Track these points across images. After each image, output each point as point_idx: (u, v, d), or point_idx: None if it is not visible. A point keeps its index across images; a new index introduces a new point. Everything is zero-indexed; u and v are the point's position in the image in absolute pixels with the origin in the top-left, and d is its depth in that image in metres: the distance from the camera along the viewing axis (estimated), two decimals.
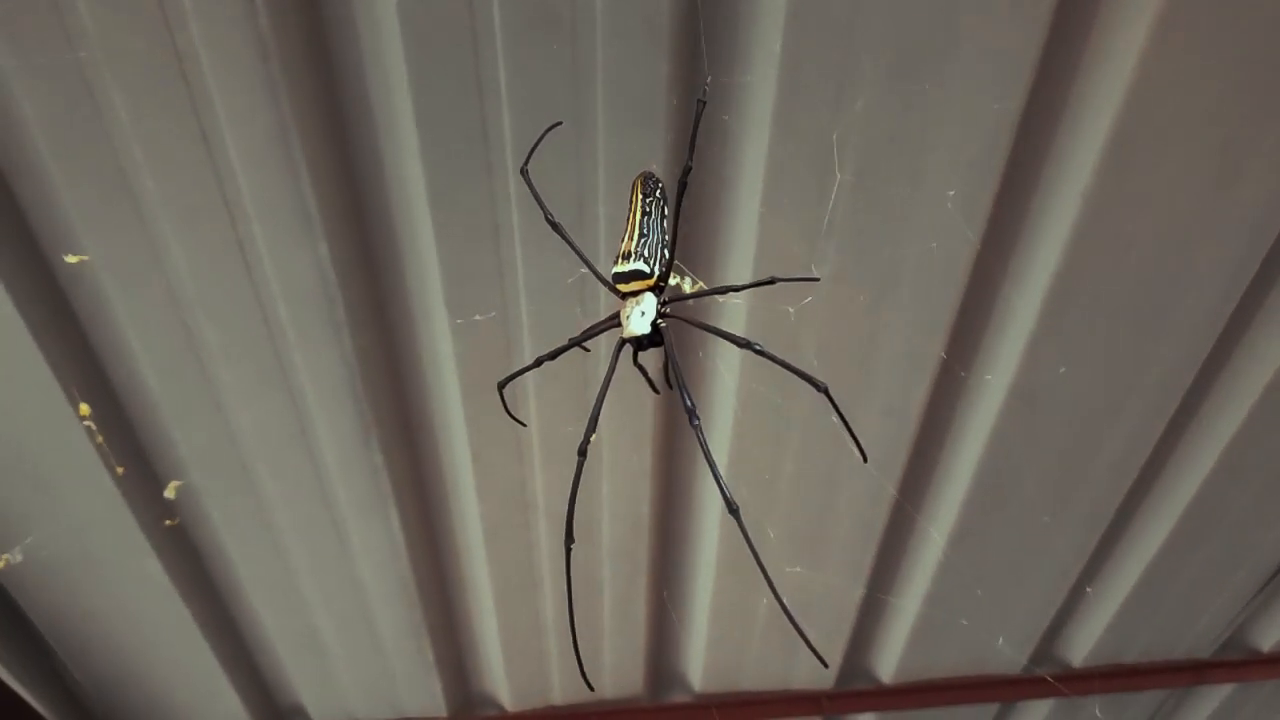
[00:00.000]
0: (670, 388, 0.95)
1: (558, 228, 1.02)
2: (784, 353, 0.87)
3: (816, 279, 1.30)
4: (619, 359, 0.96)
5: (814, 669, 2.07)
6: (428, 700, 2.04)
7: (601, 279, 1.00)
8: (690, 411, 0.86)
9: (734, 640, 1.98)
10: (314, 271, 1.30)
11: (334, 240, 1.28)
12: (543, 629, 1.91)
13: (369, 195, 1.26)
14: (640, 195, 0.97)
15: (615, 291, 0.96)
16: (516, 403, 1.48)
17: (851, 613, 1.95)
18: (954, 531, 1.76)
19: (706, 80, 1.13)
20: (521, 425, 1.35)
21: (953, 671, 2.15)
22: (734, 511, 0.81)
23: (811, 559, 1.78)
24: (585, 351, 1.04)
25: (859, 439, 0.94)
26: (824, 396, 0.85)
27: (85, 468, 1.46)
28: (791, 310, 1.30)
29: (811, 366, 0.91)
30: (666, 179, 1.19)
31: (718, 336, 0.94)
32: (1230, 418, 1.60)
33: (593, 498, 1.65)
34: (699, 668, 2.06)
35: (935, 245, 1.30)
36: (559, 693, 2.09)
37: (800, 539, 1.75)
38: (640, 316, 0.92)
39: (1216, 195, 1.27)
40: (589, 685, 0.97)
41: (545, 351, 1.03)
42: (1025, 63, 1.14)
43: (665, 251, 0.95)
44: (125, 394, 1.43)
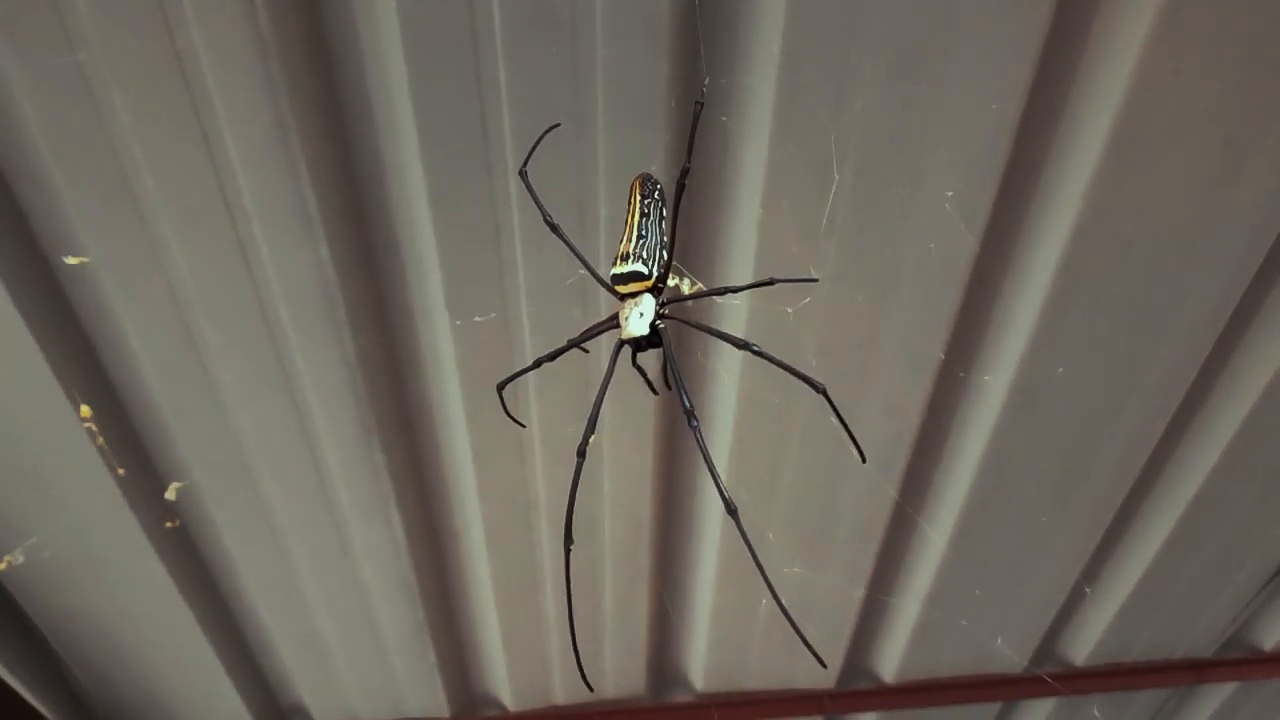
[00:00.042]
0: (669, 389, 0.95)
1: (556, 229, 1.02)
2: (784, 354, 0.87)
3: (815, 280, 1.30)
4: (618, 360, 0.96)
5: (816, 668, 2.07)
6: (429, 700, 2.04)
7: (600, 280, 1.00)
8: (689, 413, 0.86)
9: (735, 640, 1.98)
10: (314, 271, 1.30)
11: (334, 240, 1.28)
12: (544, 629, 1.91)
13: (369, 195, 1.26)
14: (638, 197, 0.96)
15: (614, 293, 0.96)
16: (517, 403, 1.48)
17: (853, 612, 1.94)
18: (955, 531, 1.75)
19: (704, 82, 1.13)
20: (521, 426, 1.35)
21: (955, 671, 2.15)
22: (732, 512, 0.81)
23: (812, 559, 1.78)
24: (585, 353, 1.04)
25: (858, 440, 0.94)
26: (822, 397, 0.85)
27: (86, 469, 1.46)
28: (790, 311, 1.30)
29: (811, 367, 0.91)
30: (666, 179, 1.19)
31: (716, 337, 0.94)
32: (1231, 417, 1.60)
33: (594, 498, 1.65)
34: (700, 667, 2.06)
35: (935, 246, 1.30)
36: (561, 693, 2.09)
37: (801, 539, 1.75)
38: (639, 318, 0.92)
39: (1216, 195, 1.27)
40: (588, 686, 0.97)
41: (545, 352, 1.03)
42: (1025, 62, 1.14)
43: (664, 253, 0.95)
44: (126, 395, 1.43)
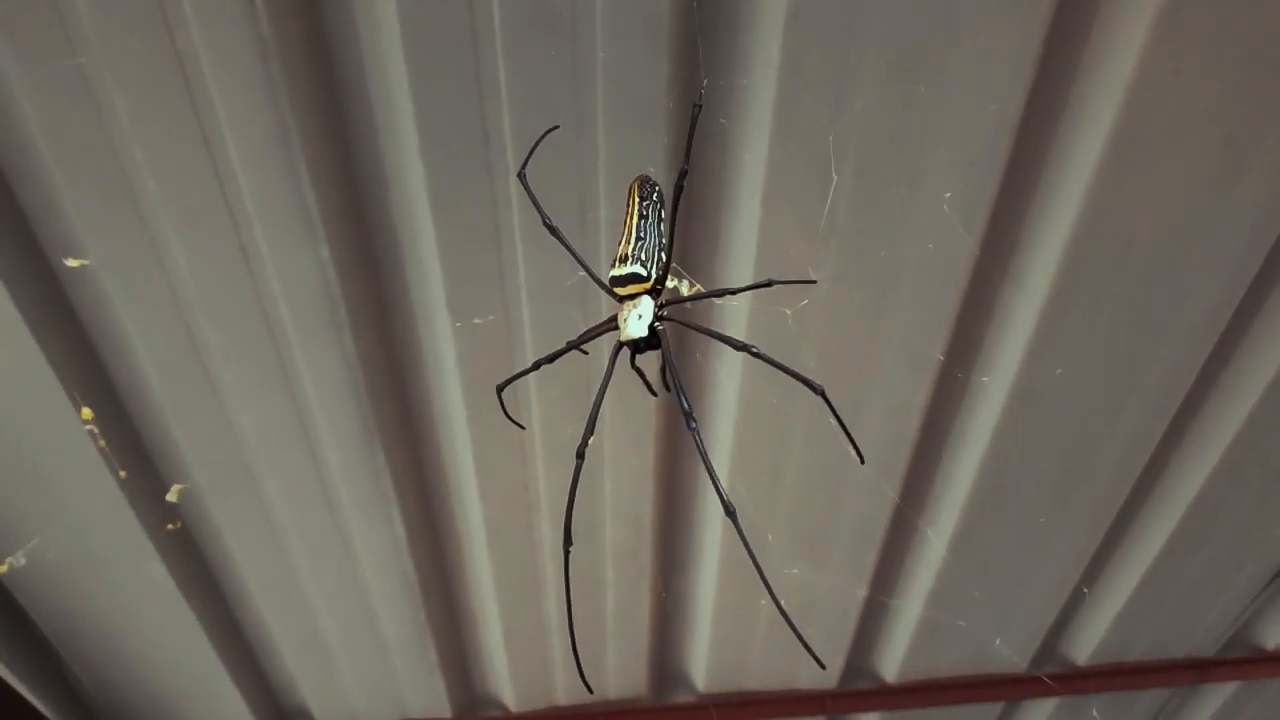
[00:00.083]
0: (669, 391, 0.95)
1: (555, 232, 1.02)
2: (784, 355, 0.87)
3: (814, 282, 1.30)
4: (617, 361, 0.96)
5: (818, 668, 2.07)
6: (432, 701, 2.04)
7: (599, 282, 1.00)
8: (687, 415, 0.86)
9: (737, 640, 1.98)
10: (315, 272, 1.30)
11: (335, 241, 1.28)
12: (546, 629, 1.91)
13: (369, 196, 1.27)
14: (637, 199, 0.96)
15: (612, 295, 0.96)
16: (518, 404, 1.48)
17: (854, 612, 1.94)
18: (956, 533, 1.75)
19: (702, 83, 1.13)
20: (521, 428, 1.35)
21: (957, 671, 2.15)
22: (731, 514, 0.81)
23: (814, 560, 1.78)
24: (584, 354, 1.04)
25: (857, 441, 0.94)
26: (820, 399, 0.85)
27: (88, 471, 1.46)
28: (789, 312, 1.30)
29: (810, 368, 0.91)
30: (667, 181, 1.19)
31: (715, 339, 0.94)
32: (1232, 417, 1.59)
33: (595, 498, 1.65)
34: (702, 667, 2.06)
35: (935, 246, 1.29)
36: (563, 693, 2.09)
37: (802, 540, 1.75)
38: (637, 319, 0.92)
39: (1216, 195, 1.27)
40: (588, 688, 0.97)
41: (545, 354, 1.03)
42: (1025, 62, 1.14)
43: (662, 254, 0.95)
44: (127, 397, 1.43)
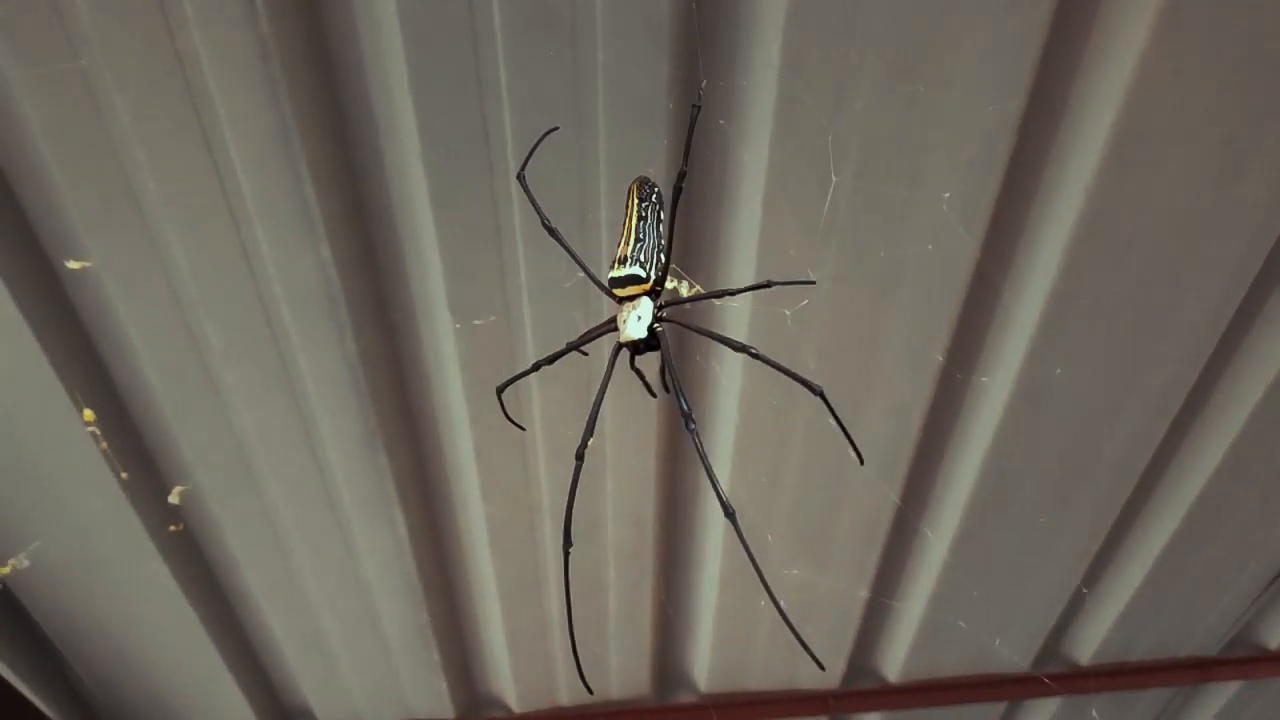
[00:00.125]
0: (668, 392, 0.95)
1: (554, 233, 1.02)
2: (783, 356, 0.87)
3: (813, 282, 1.29)
4: (616, 363, 0.96)
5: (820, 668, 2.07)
6: (434, 701, 2.05)
7: (598, 283, 1.00)
8: (686, 416, 0.85)
9: (740, 640, 1.98)
10: (316, 272, 1.30)
11: (336, 241, 1.28)
12: (549, 630, 1.92)
13: (370, 196, 1.27)
14: (636, 200, 0.96)
15: (612, 296, 0.96)
16: (519, 405, 1.48)
17: (857, 612, 1.94)
18: (956, 533, 1.75)
19: (701, 84, 1.13)
20: (521, 430, 1.35)
21: (960, 670, 2.15)
22: (730, 515, 0.81)
23: (815, 560, 1.78)
24: (584, 355, 1.04)
25: (856, 442, 0.94)
26: (820, 400, 0.85)
27: (90, 473, 1.46)
28: (788, 313, 1.30)
29: (810, 369, 0.91)
30: (667, 181, 1.19)
31: (715, 340, 0.94)
32: (1234, 416, 1.59)
33: (597, 498, 1.65)
34: (705, 668, 2.06)
35: (935, 246, 1.29)
36: (565, 693, 2.09)
37: (803, 540, 1.75)
38: (636, 321, 0.92)
39: (1217, 195, 1.27)
40: (588, 688, 0.97)
41: (546, 355, 1.03)
42: (1025, 63, 1.13)
43: (661, 256, 0.95)
44: (129, 398, 1.43)
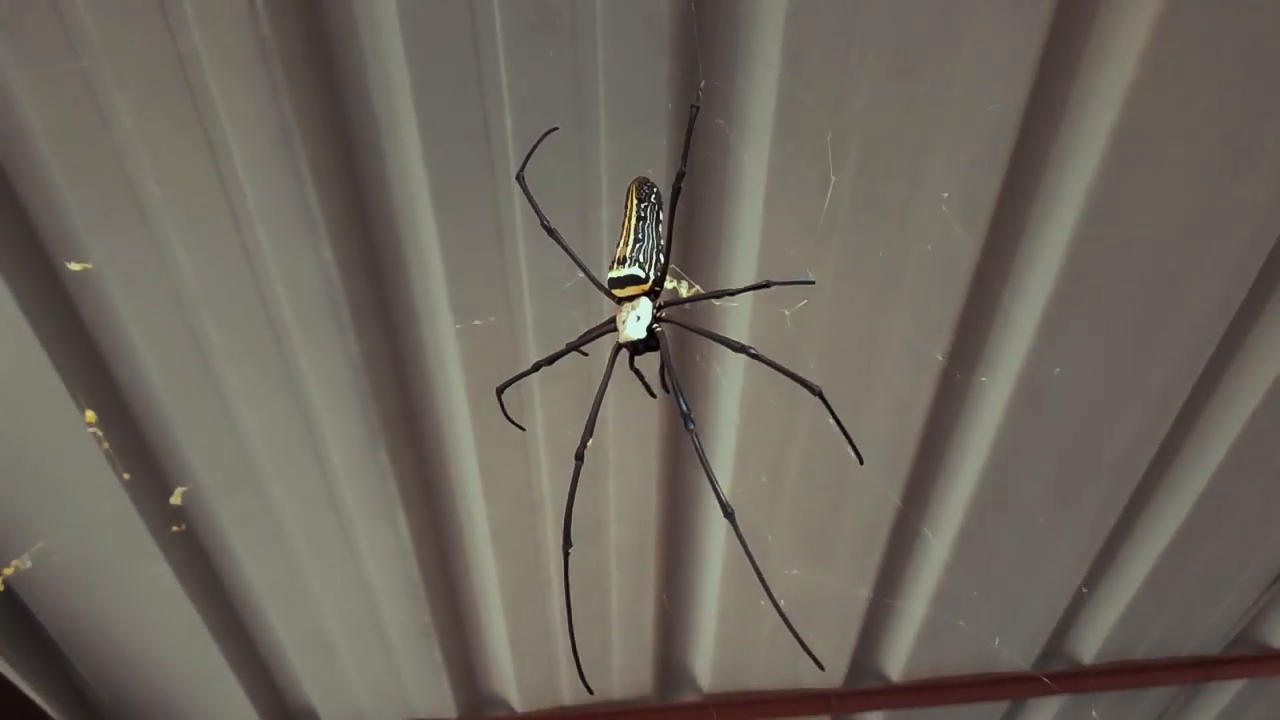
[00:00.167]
0: (667, 392, 0.95)
1: (554, 234, 1.02)
2: (783, 356, 0.87)
3: (812, 282, 1.29)
4: (616, 363, 0.96)
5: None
6: (437, 701, 2.05)
7: (597, 284, 1.00)
8: (685, 416, 0.85)
9: (742, 639, 1.98)
10: (318, 273, 1.30)
11: (337, 242, 1.28)
12: (551, 630, 1.92)
13: (372, 196, 1.27)
14: (635, 200, 0.96)
15: (611, 296, 0.96)
16: (521, 405, 1.49)
17: (859, 611, 1.94)
18: (958, 533, 1.75)
19: (700, 85, 1.13)
20: (521, 430, 1.35)
21: (962, 669, 2.15)
22: (729, 516, 0.81)
23: (817, 560, 1.77)
24: (584, 355, 1.04)
25: (857, 442, 0.94)
26: (819, 400, 0.85)
27: (92, 474, 1.47)
28: (788, 313, 1.30)
29: (810, 369, 0.91)
30: (668, 181, 1.19)
31: (714, 341, 0.94)
32: (1236, 415, 1.59)
33: (599, 499, 1.65)
34: (707, 667, 2.06)
35: (935, 246, 1.29)
36: (568, 693, 2.09)
37: (804, 541, 1.75)
38: (636, 321, 0.92)
39: (1217, 195, 1.27)
40: (588, 688, 0.97)
41: (546, 355, 1.03)
42: (1025, 62, 1.13)
43: (660, 256, 0.95)
44: (131, 399, 1.43)
